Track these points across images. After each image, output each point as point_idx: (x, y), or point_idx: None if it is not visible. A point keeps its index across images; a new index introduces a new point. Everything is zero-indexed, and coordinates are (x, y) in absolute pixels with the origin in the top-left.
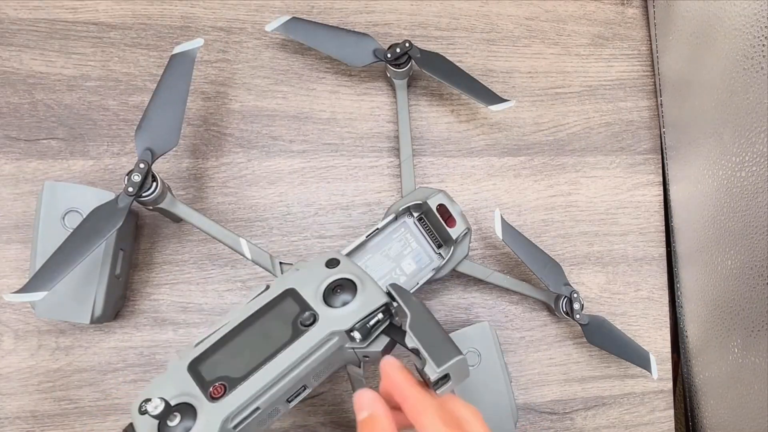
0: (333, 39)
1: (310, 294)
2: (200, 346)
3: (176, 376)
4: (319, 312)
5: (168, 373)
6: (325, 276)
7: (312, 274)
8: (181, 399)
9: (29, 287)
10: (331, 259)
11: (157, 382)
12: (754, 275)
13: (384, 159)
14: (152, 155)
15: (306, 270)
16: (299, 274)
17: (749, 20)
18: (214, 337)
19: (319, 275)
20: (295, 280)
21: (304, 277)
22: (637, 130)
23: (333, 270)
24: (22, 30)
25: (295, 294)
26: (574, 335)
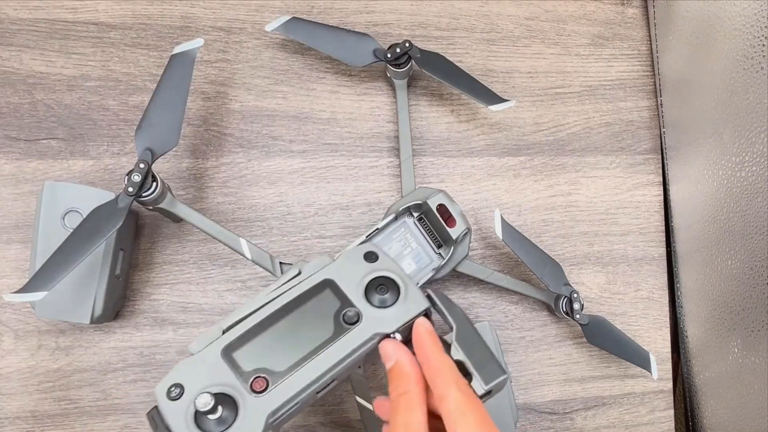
0: (333, 39)
1: (351, 289)
2: (231, 332)
3: (209, 362)
4: (363, 310)
5: (198, 357)
6: (367, 271)
7: (352, 266)
8: (218, 389)
9: (29, 287)
10: (369, 252)
11: (186, 366)
12: (754, 275)
13: (384, 159)
14: (152, 155)
15: (344, 261)
16: (337, 264)
17: (749, 20)
18: (247, 323)
19: (360, 269)
20: (333, 270)
21: (343, 269)
22: (637, 130)
23: (373, 265)
24: (22, 30)
25: (335, 286)
26: (574, 335)
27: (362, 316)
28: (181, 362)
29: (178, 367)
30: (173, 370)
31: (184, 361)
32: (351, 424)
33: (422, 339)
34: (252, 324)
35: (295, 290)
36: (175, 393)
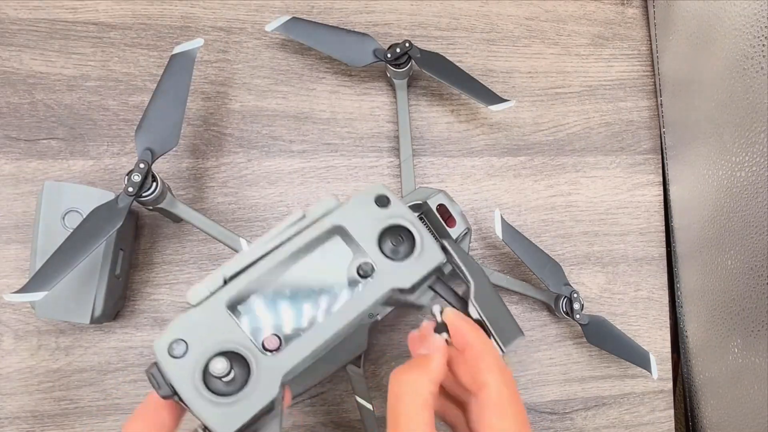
0: (333, 39)
1: (364, 237)
2: (235, 282)
3: (214, 317)
4: (377, 262)
5: (201, 310)
6: (379, 217)
7: (363, 212)
8: (227, 346)
9: (29, 287)
10: (380, 196)
11: (188, 320)
12: (754, 275)
13: (384, 159)
14: (152, 155)
15: (354, 205)
16: (347, 209)
17: (749, 20)
18: (252, 272)
19: (372, 215)
20: (343, 215)
21: (353, 214)
22: (637, 130)
23: (386, 211)
24: (22, 30)
25: (345, 233)
26: (574, 335)
27: (376, 269)
28: (182, 315)
29: (179, 321)
30: (174, 324)
31: (186, 314)
32: (351, 424)
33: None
34: (258, 273)
35: (303, 236)
36: (178, 350)
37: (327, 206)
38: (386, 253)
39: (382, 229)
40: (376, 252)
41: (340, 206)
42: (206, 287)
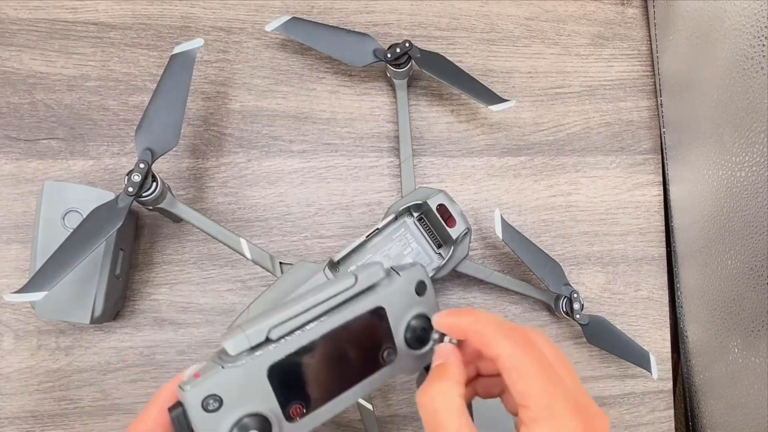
0: (333, 39)
1: (396, 323)
2: (281, 345)
3: (254, 381)
4: (399, 350)
5: (243, 371)
6: (413, 304)
7: (402, 297)
8: (257, 409)
9: (29, 287)
10: (421, 283)
11: (228, 378)
12: (754, 275)
13: (384, 159)
14: (152, 155)
15: (398, 288)
16: (391, 289)
17: (749, 20)
18: (297, 339)
19: (408, 302)
20: (385, 297)
21: (394, 298)
22: (637, 130)
23: (420, 299)
24: (22, 30)
25: (383, 317)
26: (574, 335)
27: (397, 356)
28: (223, 372)
29: (218, 377)
30: (213, 379)
31: (227, 371)
32: (351, 424)
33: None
34: (302, 343)
35: (348, 311)
36: (212, 406)
37: (377, 276)
38: (408, 341)
39: (412, 316)
40: (401, 340)
41: (387, 285)
42: (247, 338)
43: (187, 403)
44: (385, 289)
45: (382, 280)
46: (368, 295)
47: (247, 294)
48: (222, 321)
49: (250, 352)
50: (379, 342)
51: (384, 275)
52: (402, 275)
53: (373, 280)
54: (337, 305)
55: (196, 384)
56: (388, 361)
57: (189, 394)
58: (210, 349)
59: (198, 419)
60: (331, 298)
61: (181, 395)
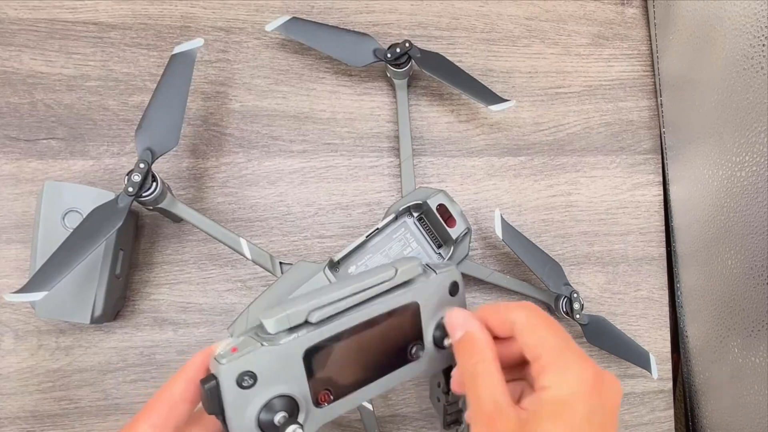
0: (333, 39)
1: (427, 321)
2: (318, 328)
3: (290, 361)
4: (427, 347)
5: (281, 350)
6: (445, 303)
7: (437, 294)
8: (289, 391)
9: (29, 287)
10: (455, 283)
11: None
12: (754, 275)
13: (384, 159)
14: (152, 155)
15: (433, 285)
16: (427, 286)
17: (749, 20)
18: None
19: (441, 301)
20: (421, 292)
21: (429, 295)
22: (637, 130)
23: (453, 299)
24: (22, 30)
25: (416, 313)
26: (574, 335)
27: (424, 354)
28: (262, 349)
29: (257, 354)
30: (252, 355)
31: (266, 349)
32: (351, 424)
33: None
34: (339, 330)
35: (385, 302)
36: (247, 383)
37: (414, 272)
38: (435, 340)
39: (443, 315)
40: (430, 338)
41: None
42: (287, 318)
43: (222, 377)
44: (420, 286)
45: (419, 276)
46: (405, 289)
47: (247, 294)
48: (222, 321)
49: (289, 333)
50: (410, 337)
51: (421, 271)
52: (438, 273)
53: (411, 275)
54: (375, 296)
55: (233, 358)
56: (415, 357)
57: (225, 368)
58: None
59: (231, 394)
60: (371, 288)
61: (215, 368)
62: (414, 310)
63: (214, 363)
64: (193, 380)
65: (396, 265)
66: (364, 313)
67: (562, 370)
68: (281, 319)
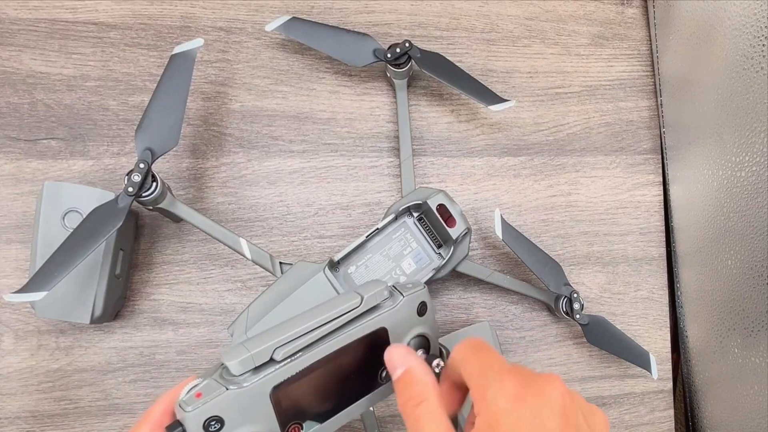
0: (333, 39)
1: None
2: (285, 366)
3: (255, 401)
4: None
5: (246, 392)
6: (414, 325)
7: (405, 317)
8: (257, 430)
9: (29, 287)
10: (423, 303)
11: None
12: (754, 275)
13: (384, 159)
14: (152, 155)
15: (400, 308)
16: (394, 311)
17: (749, 20)
18: (300, 360)
19: (410, 323)
20: (388, 317)
21: (397, 319)
22: (637, 130)
23: (421, 319)
24: (22, 30)
25: (385, 338)
26: (574, 335)
27: None
28: (227, 393)
29: (222, 399)
30: (217, 400)
31: (231, 392)
32: (351, 424)
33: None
34: (306, 364)
35: (351, 331)
36: (213, 427)
37: (380, 297)
38: None
39: (412, 336)
40: None
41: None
42: (252, 359)
43: (187, 424)
44: (388, 310)
45: (386, 300)
46: (372, 315)
47: (247, 294)
48: (222, 321)
49: (254, 373)
50: (379, 361)
51: (387, 295)
52: (405, 296)
53: (377, 300)
54: (341, 326)
55: (198, 404)
56: (386, 380)
57: (191, 415)
58: (210, 349)
59: None
60: (337, 318)
61: (181, 415)
62: (382, 335)
63: (179, 410)
64: (157, 426)
65: (361, 292)
66: (330, 345)
67: (483, 393)
68: (245, 360)
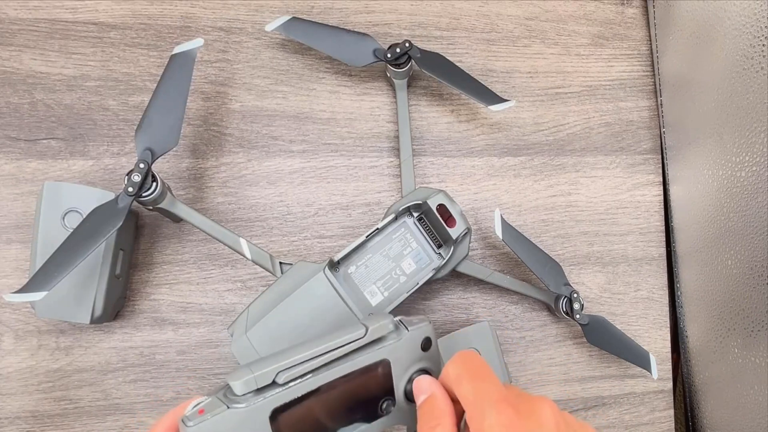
0: (333, 39)
1: (399, 377)
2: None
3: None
4: (398, 403)
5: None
6: (417, 360)
7: (408, 351)
8: None
9: (29, 287)
10: (427, 339)
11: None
12: (754, 275)
13: (384, 159)
14: (152, 155)
15: (404, 342)
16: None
17: (749, 20)
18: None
19: (413, 357)
20: (392, 350)
21: (400, 352)
22: (637, 130)
23: (425, 354)
24: (22, 30)
25: (387, 370)
26: (574, 335)
27: (395, 409)
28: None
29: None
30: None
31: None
32: None
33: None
34: (307, 389)
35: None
36: None
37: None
38: (407, 394)
39: (415, 371)
40: (401, 394)
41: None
42: (255, 380)
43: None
44: (392, 343)
45: (390, 333)
46: (375, 346)
47: (247, 294)
48: (222, 321)
49: (256, 394)
50: (380, 393)
51: (393, 329)
52: (410, 330)
53: (382, 332)
54: (344, 354)
55: (200, 421)
56: (386, 412)
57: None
58: (210, 349)
59: None
60: (341, 347)
61: (183, 430)
62: (385, 367)
63: (182, 425)
64: None
65: (367, 323)
66: (333, 372)
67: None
68: (248, 381)
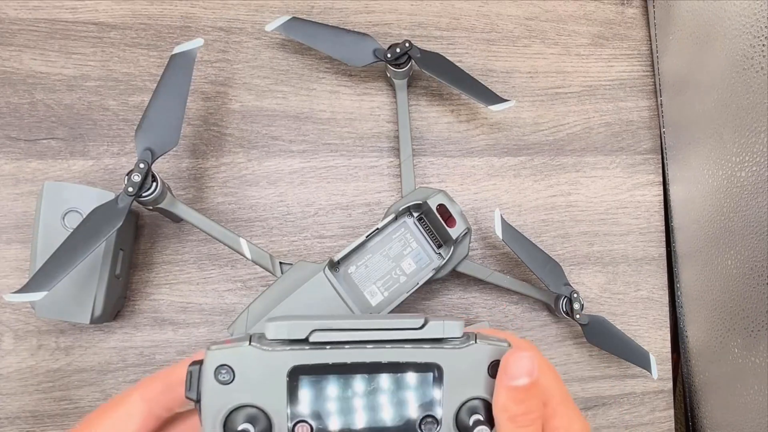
0: (333, 39)
1: (451, 393)
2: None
3: (272, 373)
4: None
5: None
6: (480, 383)
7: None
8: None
9: (29, 287)
10: (496, 363)
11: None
12: (754, 275)
13: (384, 159)
14: (152, 155)
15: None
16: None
17: (749, 20)
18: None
19: (476, 378)
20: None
21: (460, 365)
22: (637, 130)
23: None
24: (22, 30)
25: (439, 379)
26: (574, 335)
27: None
28: (248, 347)
29: (241, 350)
30: (236, 349)
31: (252, 348)
32: None
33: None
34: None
35: (400, 351)
36: (223, 377)
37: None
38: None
39: (474, 396)
40: (451, 417)
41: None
42: (287, 328)
43: (205, 362)
44: (453, 350)
45: (455, 339)
46: (431, 346)
47: (247, 294)
48: (222, 321)
49: (283, 343)
50: (423, 406)
51: (460, 334)
52: (479, 343)
53: (444, 333)
54: (390, 340)
55: (221, 347)
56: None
57: (210, 355)
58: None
59: (207, 384)
60: (389, 330)
61: (205, 354)
62: (436, 376)
63: (206, 349)
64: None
65: (430, 318)
66: (369, 353)
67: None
68: (280, 327)
